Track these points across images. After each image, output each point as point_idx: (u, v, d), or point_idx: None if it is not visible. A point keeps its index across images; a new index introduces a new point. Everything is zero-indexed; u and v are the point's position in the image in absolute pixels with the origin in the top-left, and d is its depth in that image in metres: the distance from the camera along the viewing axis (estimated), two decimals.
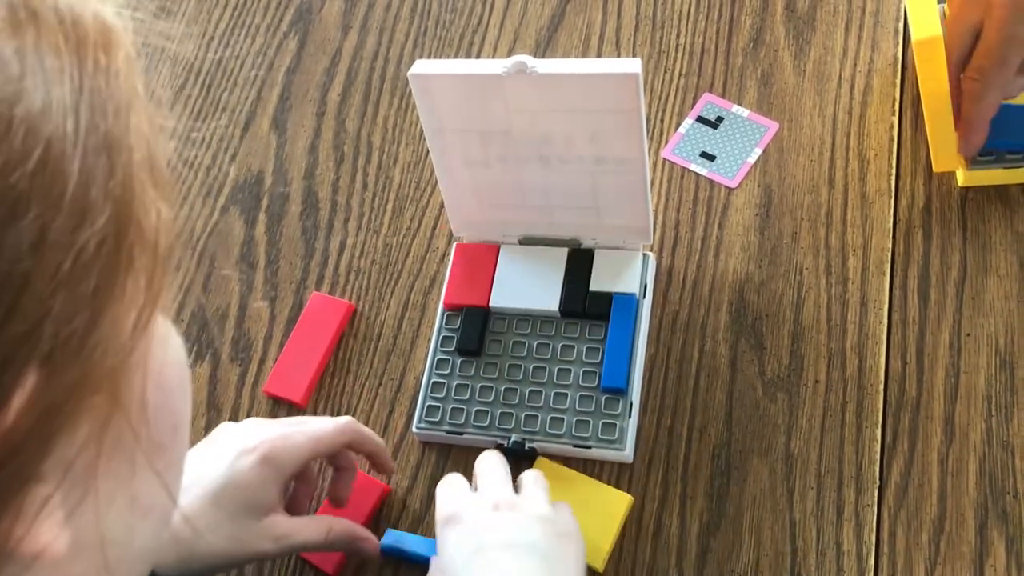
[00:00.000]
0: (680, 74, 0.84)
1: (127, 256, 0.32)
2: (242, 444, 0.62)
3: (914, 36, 0.71)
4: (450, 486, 0.63)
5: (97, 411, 0.33)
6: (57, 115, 0.30)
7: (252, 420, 0.66)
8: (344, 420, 0.66)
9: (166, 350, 0.38)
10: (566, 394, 0.71)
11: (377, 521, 0.71)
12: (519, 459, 0.70)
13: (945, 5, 0.77)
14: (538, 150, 0.69)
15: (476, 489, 0.63)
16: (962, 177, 0.75)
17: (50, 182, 0.29)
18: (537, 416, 0.70)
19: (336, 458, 0.68)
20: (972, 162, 0.74)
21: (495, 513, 0.58)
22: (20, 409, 0.29)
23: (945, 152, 0.73)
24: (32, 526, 0.32)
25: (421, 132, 0.85)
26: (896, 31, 0.82)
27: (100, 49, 0.33)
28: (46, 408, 0.30)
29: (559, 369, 0.71)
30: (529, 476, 0.63)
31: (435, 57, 0.89)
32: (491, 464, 0.64)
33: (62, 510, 0.33)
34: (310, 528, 0.63)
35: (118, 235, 0.32)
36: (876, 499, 0.66)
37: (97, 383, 0.32)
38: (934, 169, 0.75)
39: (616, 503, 0.68)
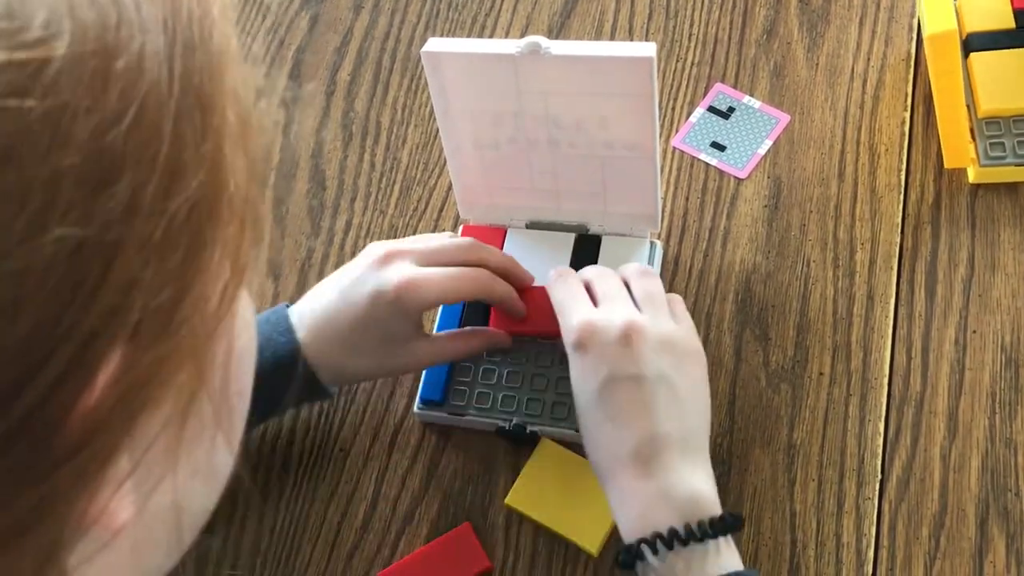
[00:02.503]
0: (692, 63, 0.84)
1: (215, 225, 0.30)
2: (378, 286, 0.65)
3: (928, 30, 0.70)
4: (573, 299, 0.64)
5: (181, 388, 0.31)
6: (152, 70, 0.28)
7: (387, 250, 0.67)
8: (473, 271, 0.67)
9: (241, 318, 0.36)
10: (569, 378, 0.70)
11: None
12: (520, 443, 0.70)
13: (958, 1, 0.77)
14: (548, 133, 0.69)
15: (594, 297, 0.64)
16: (973, 174, 0.75)
17: (145, 142, 0.27)
18: (540, 400, 0.70)
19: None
20: (983, 159, 0.74)
21: (624, 347, 0.60)
22: (105, 386, 0.28)
23: (956, 148, 0.73)
24: (109, 504, 0.30)
25: (430, 113, 0.84)
26: (910, 27, 0.82)
27: None
28: (131, 385, 0.28)
29: (564, 353, 0.71)
30: (648, 292, 0.64)
31: None
32: (609, 282, 0.64)
33: (141, 488, 0.31)
34: (448, 351, 0.69)
35: (208, 202, 0.30)
36: (877, 492, 0.66)
37: (181, 360, 0.30)
38: (945, 165, 0.74)
39: None
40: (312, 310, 0.67)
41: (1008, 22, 0.76)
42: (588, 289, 0.65)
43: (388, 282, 0.64)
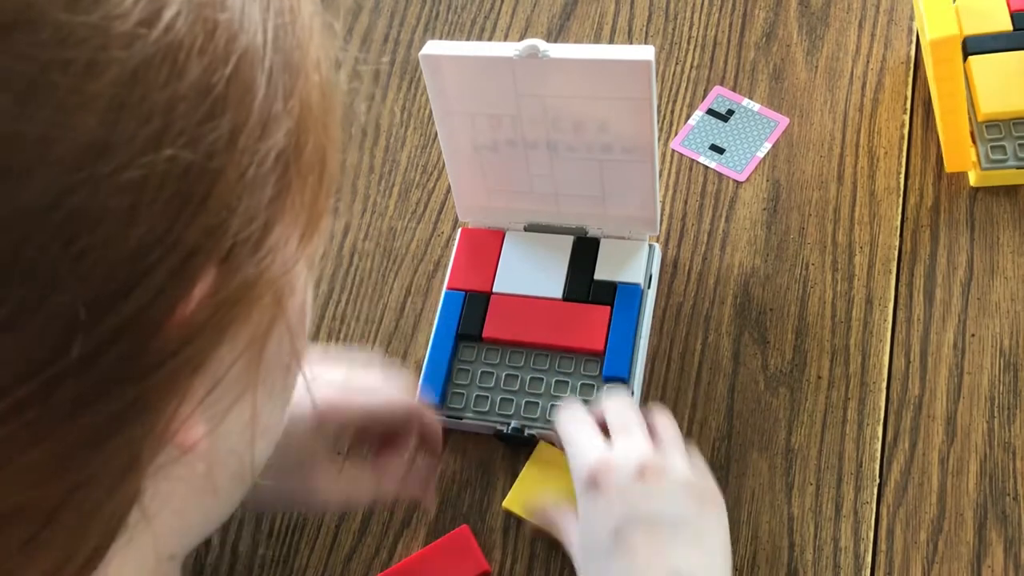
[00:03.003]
0: (691, 66, 0.83)
1: (298, 173, 0.34)
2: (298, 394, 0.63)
3: (929, 35, 0.70)
4: (582, 434, 0.61)
5: (263, 313, 0.34)
6: (250, 29, 0.31)
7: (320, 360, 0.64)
8: (411, 404, 0.65)
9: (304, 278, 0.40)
10: (567, 382, 0.70)
11: None
12: (518, 446, 0.70)
13: (957, 3, 0.77)
14: (547, 136, 0.69)
15: (609, 434, 0.61)
16: (975, 178, 0.74)
17: (243, 89, 0.31)
18: (538, 403, 0.70)
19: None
20: (985, 162, 0.74)
21: (640, 483, 0.57)
22: (200, 299, 0.31)
23: (957, 152, 0.73)
24: (189, 419, 0.33)
25: (429, 116, 0.84)
26: (910, 29, 0.82)
27: None
28: (221, 302, 0.32)
29: (561, 357, 0.71)
30: (665, 429, 0.62)
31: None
32: (625, 413, 0.62)
33: (218, 406, 0.34)
34: (355, 497, 0.65)
35: (293, 151, 0.33)
36: (875, 497, 0.66)
37: (264, 288, 0.34)
38: (946, 169, 0.74)
39: None
40: None
41: (1005, 24, 0.76)
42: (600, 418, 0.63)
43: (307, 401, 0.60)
